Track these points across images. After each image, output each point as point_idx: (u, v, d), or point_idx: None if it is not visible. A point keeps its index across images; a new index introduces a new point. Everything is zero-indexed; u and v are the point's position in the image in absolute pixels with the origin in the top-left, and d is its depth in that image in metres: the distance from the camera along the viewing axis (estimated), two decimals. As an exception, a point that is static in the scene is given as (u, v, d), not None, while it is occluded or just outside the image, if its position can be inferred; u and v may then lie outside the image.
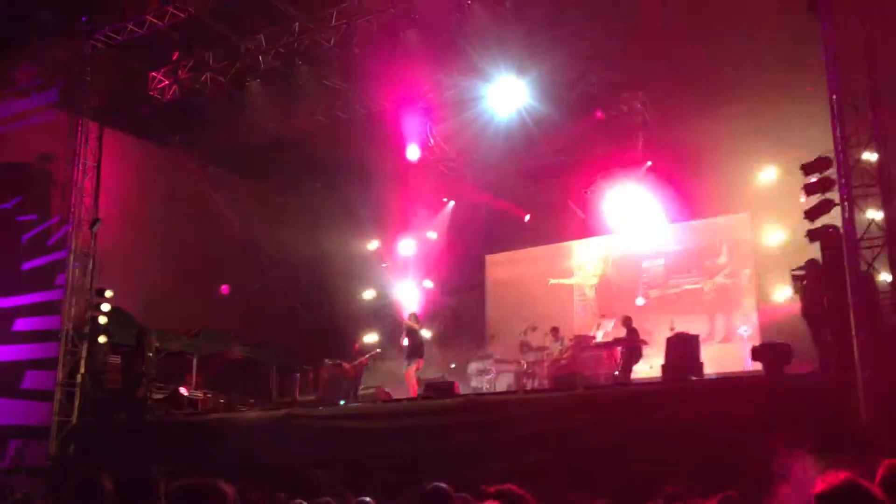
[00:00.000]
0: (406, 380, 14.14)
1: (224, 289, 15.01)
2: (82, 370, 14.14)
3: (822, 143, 9.86)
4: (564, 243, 19.47)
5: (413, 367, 14.24)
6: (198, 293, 18.14)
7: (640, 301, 18.02)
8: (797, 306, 10.38)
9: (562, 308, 19.02)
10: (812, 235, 9.92)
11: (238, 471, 10.90)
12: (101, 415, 14.01)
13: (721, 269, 17.35)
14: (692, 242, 17.76)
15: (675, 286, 17.99)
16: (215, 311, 18.38)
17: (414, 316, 15.30)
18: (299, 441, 11.29)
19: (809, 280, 10.19)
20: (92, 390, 14.11)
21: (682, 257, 18.00)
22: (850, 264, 8.85)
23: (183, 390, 15.03)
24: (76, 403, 13.98)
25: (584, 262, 19.30)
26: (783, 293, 14.92)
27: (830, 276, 9.43)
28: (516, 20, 12.30)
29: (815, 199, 10.08)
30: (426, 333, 19.01)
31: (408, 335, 14.74)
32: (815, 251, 10.04)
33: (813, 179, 10.07)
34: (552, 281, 19.24)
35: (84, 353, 14.22)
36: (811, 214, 10.02)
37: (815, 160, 10.09)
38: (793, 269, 10.53)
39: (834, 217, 9.60)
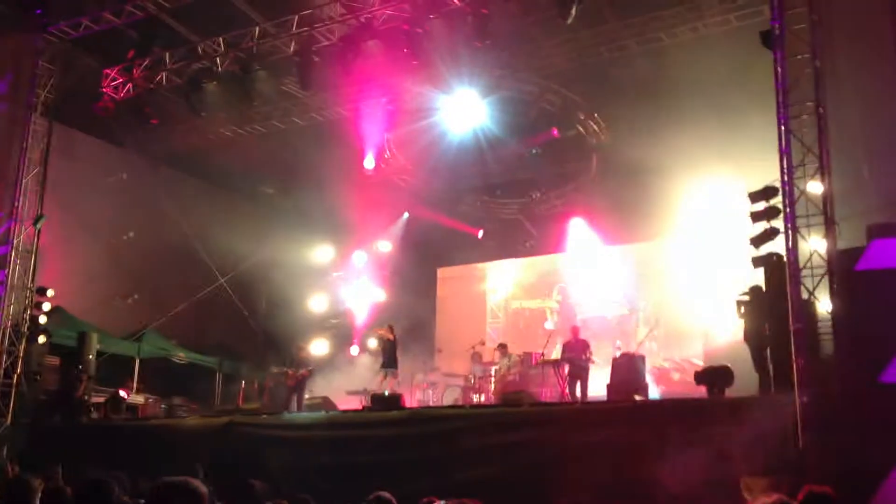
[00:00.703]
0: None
1: None
2: (19, 370, 13.75)
3: (770, 171, 10.08)
4: (517, 260, 19.62)
5: (390, 379, 14.44)
6: (146, 295, 17.84)
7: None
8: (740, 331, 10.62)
9: (510, 324, 19.18)
10: (756, 262, 10.14)
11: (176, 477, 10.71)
12: (36, 416, 13.64)
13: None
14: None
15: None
16: (161, 315, 18.08)
17: (389, 327, 15.38)
18: (241, 449, 11.13)
19: (752, 305, 10.42)
20: (28, 391, 13.73)
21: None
22: (792, 292, 9.06)
23: (123, 394, 14.73)
24: (11, 404, 13.58)
25: (533, 281, 19.48)
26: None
27: (773, 302, 9.65)
28: (478, 37, 12.38)
29: (760, 226, 10.30)
30: (372, 343, 19.02)
31: (382, 346, 14.91)
32: (758, 278, 10.28)
33: (759, 207, 10.29)
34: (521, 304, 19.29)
35: (21, 353, 13.84)
36: (756, 241, 10.24)
37: (762, 189, 10.31)
38: (738, 295, 10.76)
39: (778, 244, 9.82)
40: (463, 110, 16.10)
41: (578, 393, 13.25)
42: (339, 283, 19.94)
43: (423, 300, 19.94)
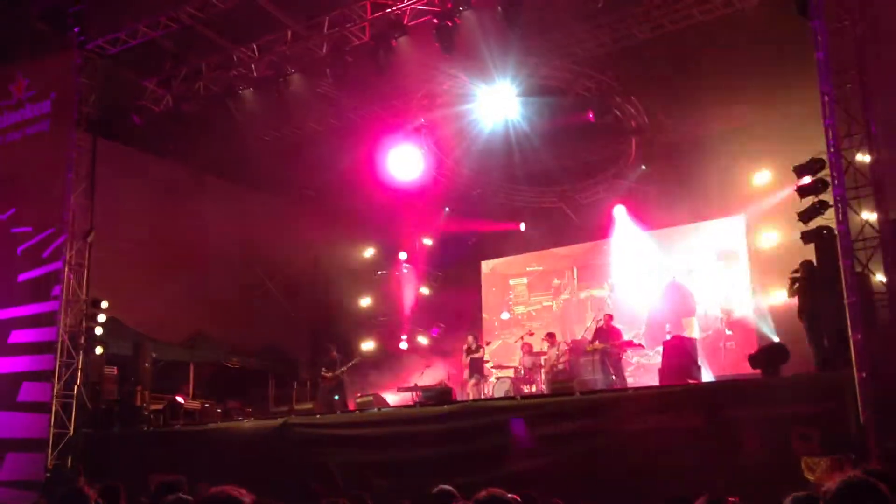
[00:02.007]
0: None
1: None
2: (78, 381, 14.07)
3: (815, 144, 9.87)
4: (560, 249, 19.48)
5: (473, 381, 15.00)
6: (195, 302, 18.12)
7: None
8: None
9: (559, 313, 19.06)
10: (806, 237, 9.95)
11: (236, 481, 10.89)
12: (98, 426, 13.96)
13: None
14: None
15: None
16: (212, 320, 18.35)
17: (473, 335, 15.84)
18: (297, 450, 11.26)
19: (805, 282, 10.23)
20: (88, 401, 14.05)
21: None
22: (845, 265, 8.86)
23: (180, 400, 15.00)
24: (73, 415, 13.92)
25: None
26: (780, 295, 14.96)
27: (826, 277, 9.46)
28: (509, 26, 12.30)
29: (808, 200, 10.10)
30: (423, 340, 19.08)
31: (469, 353, 15.48)
32: (809, 253, 10.08)
33: (806, 181, 10.09)
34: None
35: (80, 365, 14.16)
36: (805, 216, 10.04)
37: (807, 162, 10.12)
38: (790, 273, 10.58)
39: (828, 219, 9.62)
40: (497, 101, 16.03)
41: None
42: (384, 280, 20.01)
43: (468, 294, 19.95)
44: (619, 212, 17.67)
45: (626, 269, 17.92)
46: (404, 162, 17.96)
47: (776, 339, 14.46)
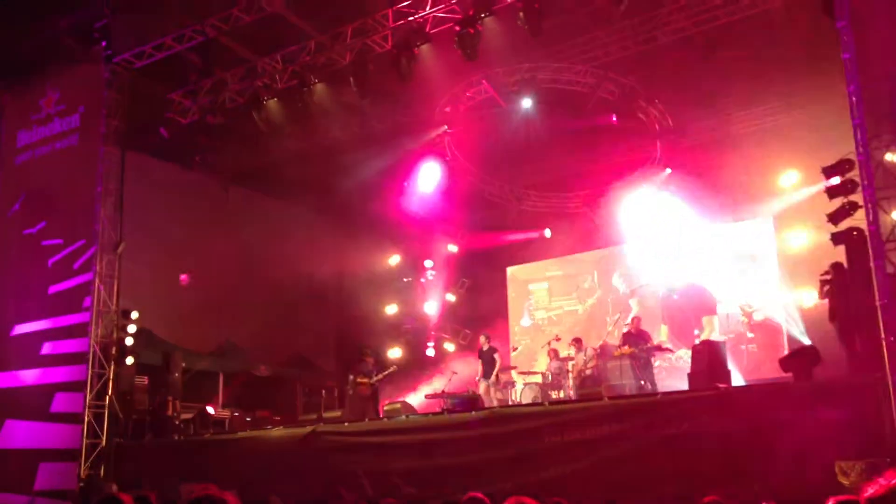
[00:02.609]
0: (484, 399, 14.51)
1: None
2: (110, 392, 14.23)
3: (842, 145, 9.77)
4: (585, 254, 19.40)
5: (485, 384, 14.87)
6: (222, 312, 18.26)
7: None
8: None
9: (586, 318, 18.98)
10: (836, 239, 9.83)
11: (266, 489, 10.95)
12: (129, 436, 14.10)
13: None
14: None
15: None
16: (240, 330, 18.49)
17: (486, 336, 15.63)
18: (326, 457, 11.30)
19: (836, 284, 10.11)
20: (120, 411, 14.21)
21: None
22: (876, 266, 8.74)
23: (210, 409, 15.12)
24: (105, 425, 14.07)
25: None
26: (810, 297, 14.83)
27: (857, 278, 9.34)
28: (531, 32, 12.30)
29: (837, 202, 9.99)
30: (450, 347, 19.08)
31: (481, 356, 15.13)
32: (839, 254, 9.97)
33: (835, 182, 9.98)
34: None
35: (111, 375, 14.31)
36: (835, 218, 9.93)
37: (836, 162, 10.01)
38: (822, 275, 10.47)
39: (857, 219, 9.50)
40: (520, 107, 16.03)
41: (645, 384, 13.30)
42: (410, 288, 20.06)
43: (494, 300, 19.94)
44: (642, 215, 17.55)
45: (649, 271, 17.79)
46: (428, 169, 18.01)
47: (807, 342, 14.31)
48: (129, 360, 14.48)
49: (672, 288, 17.11)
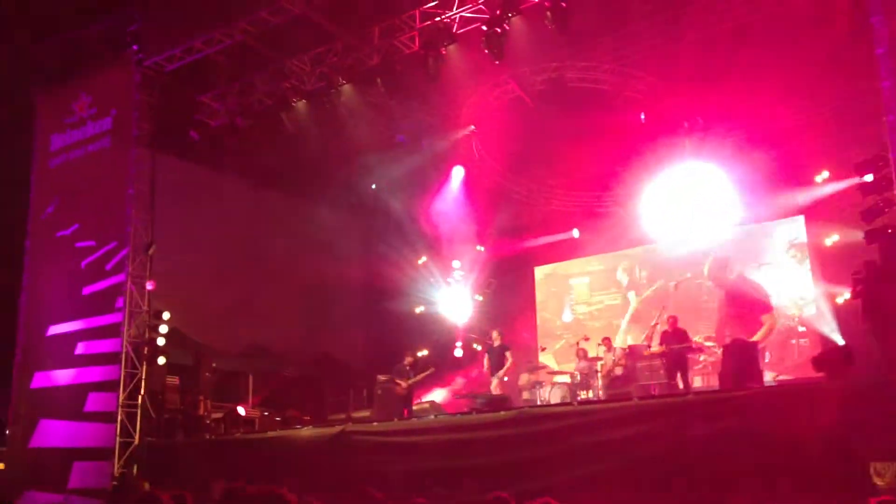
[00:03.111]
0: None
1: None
2: (142, 391, 14.40)
3: (875, 142, 9.64)
4: (614, 253, 19.28)
5: (496, 381, 14.49)
6: (253, 312, 18.41)
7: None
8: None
9: (613, 318, 18.86)
10: (870, 237, 9.70)
11: (295, 488, 11.02)
12: (161, 435, 14.26)
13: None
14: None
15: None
16: (270, 330, 18.62)
17: (498, 333, 15.33)
18: (355, 457, 11.35)
19: (869, 282, 9.96)
20: (152, 410, 14.37)
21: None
22: (910, 264, 8.62)
23: (241, 409, 15.25)
24: (137, 424, 14.25)
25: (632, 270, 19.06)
26: (843, 296, 14.64)
27: (891, 277, 9.21)
28: (558, 31, 12.27)
29: (871, 199, 9.85)
30: (478, 347, 19.05)
31: (490, 352, 14.85)
32: (872, 252, 9.83)
33: (868, 179, 9.84)
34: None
35: (144, 375, 14.49)
36: (868, 215, 9.79)
37: (870, 159, 9.87)
38: (855, 273, 10.33)
39: (893, 217, 9.36)
40: (548, 105, 15.99)
41: (681, 384, 13.11)
42: (438, 288, 20.07)
43: (522, 300, 19.90)
44: (673, 212, 17.41)
45: (689, 266, 17.60)
46: (456, 169, 18.03)
47: (840, 342, 14.12)
48: (161, 360, 14.65)
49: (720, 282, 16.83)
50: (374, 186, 19.24)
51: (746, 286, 15.73)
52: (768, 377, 12.96)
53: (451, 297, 19.82)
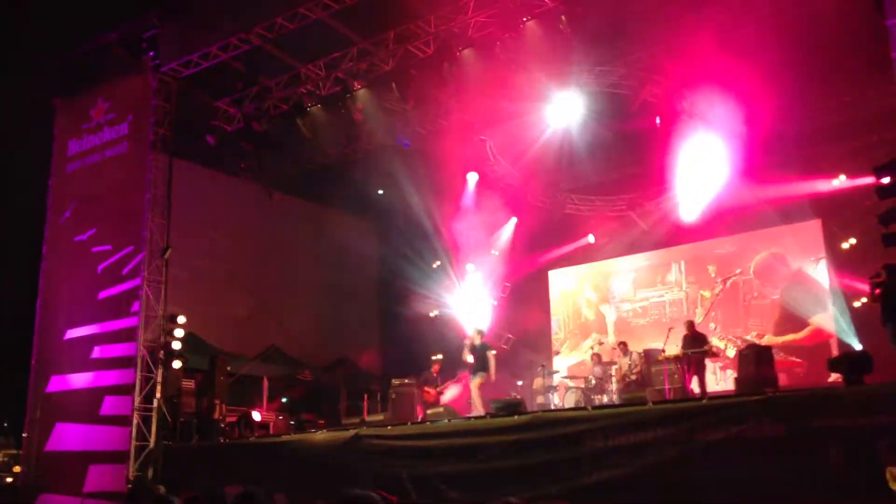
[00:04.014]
0: (472, 395, 13.92)
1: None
2: (158, 395, 14.47)
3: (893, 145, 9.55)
4: (629, 257, 19.20)
5: (478, 380, 14.01)
6: (268, 316, 18.49)
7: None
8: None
9: (628, 322, 18.79)
10: (888, 240, 9.60)
11: (310, 492, 11.03)
12: (177, 438, 14.31)
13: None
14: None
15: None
16: (284, 334, 18.69)
17: (479, 332, 15.01)
18: (369, 461, 11.34)
19: (888, 286, 9.86)
20: (168, 414, 14.43)
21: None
22: (929, 268, 8.52)
23: (256, 415, 15.27)
24: (153, 427, 14.31)
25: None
26: (860, 300, 14.55)
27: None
28: (573, 35, 12.25)
29: (889, 202, 9.75)
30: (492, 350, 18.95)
31: (471, 351, 14.50)
32: (890, 256, 9.73)
33: (886, 182, 9.75)
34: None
35: (159, 378, 14.55)
36: (885, 218, 9.69)
37: (888, 162, 9.77)
38: (872, 277, 10.23)
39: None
40: (562, 110, 15.96)
41: (697, 388, 13.02)
42: (453, 292, 20.06)
43: (537, 304, 19.86)
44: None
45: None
46: (470, 174, 18.02)
47: (858, 346, 13.99)
48: (177, 364, 14.70)
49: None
50: (380, 192, 19.25)
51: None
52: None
53: (466, 300, 19.80)
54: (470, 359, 13.91)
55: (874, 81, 12.33)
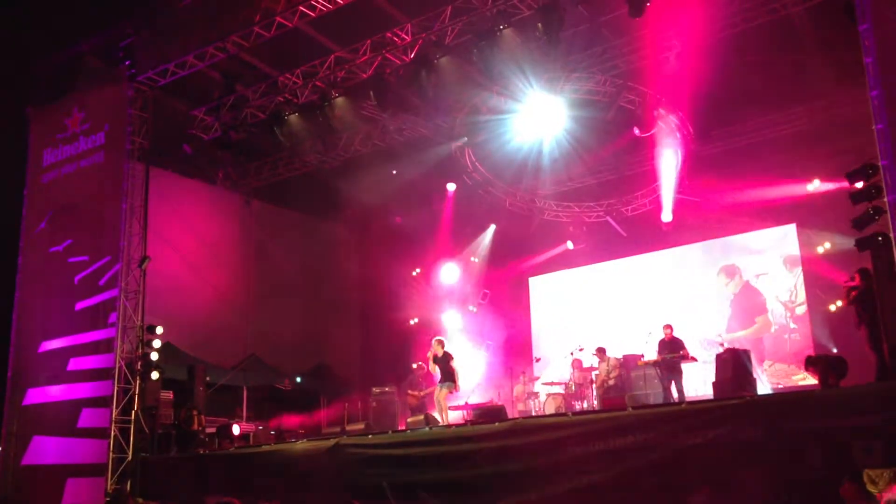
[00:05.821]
0: (437, 405, 13.62)
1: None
2: (136, 406, 14.34)
3: (867, 150, 9.67)
4: (607, 263, 19.32)
5: (445, 391, 13.83)
6: (246, 326, 18.39)
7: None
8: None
9: (608, 328, 18.87)
10: (861, 244, 9.72)
11: (290, 502, 10.97)
12: (155, 450, 14.19)
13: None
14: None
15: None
16: (264, 343, 18.59)
17: (439, 341, 14.76)
18: (350, 470, 11.30)
19: (862, 290, 9.99)
20: (146, 426, 14.30)
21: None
22: (903, 272, 8.64)
23: (235, 428, 15.13)
24: (131, 439, 14.18)
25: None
26: (835, 304, 14.76)
27: (884, 285, 9.22)
28: (549, 42, 12.31)
29: (862, 207, 9.87)
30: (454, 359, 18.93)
31: (436, 362, 14.31)
32: (864, 260, 9.86)
33: (859, 187, 9.87)
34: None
35: (137, 390, 14.42)
36: (859, 223, 9.81)
37: (860, 167, 9.89)
38: (846, 281, 10.36)
39: (883, 225, 9.38)
40: (540, 117, 16.05)
41: (675, 393, 13.10)
42: (431, 298, 20.08)
43: (516, 311, 19.91)
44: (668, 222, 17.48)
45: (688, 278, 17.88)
46: (448, 182, 18.05)
47: (833, 350, 14.18)
48: (155, 376, 14.54)
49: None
50: (364, 199, 19.22)
51: (751, 293, 16.59)
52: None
53: (445, 307, 19.82)
54: (436, 370, 13.70)
55: (846, 87, 12.49)
